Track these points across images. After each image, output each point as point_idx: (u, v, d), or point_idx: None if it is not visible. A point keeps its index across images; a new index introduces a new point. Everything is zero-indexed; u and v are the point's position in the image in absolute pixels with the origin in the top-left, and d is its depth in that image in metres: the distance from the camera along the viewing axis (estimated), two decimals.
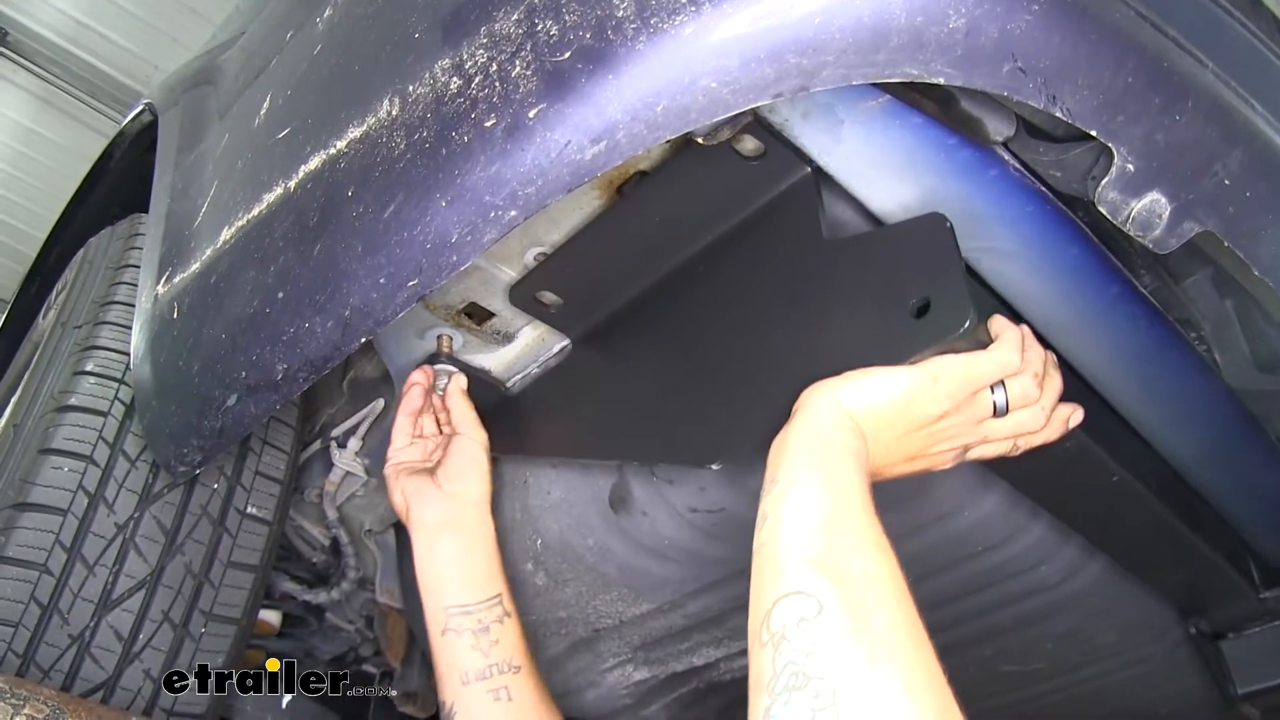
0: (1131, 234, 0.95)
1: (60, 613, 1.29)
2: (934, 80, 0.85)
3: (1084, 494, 1.32)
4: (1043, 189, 1.12)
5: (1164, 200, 0.94)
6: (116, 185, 2.34)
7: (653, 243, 1.31)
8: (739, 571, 1.58)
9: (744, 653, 1.78)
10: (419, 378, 1.49)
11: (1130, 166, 0.91)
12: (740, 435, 1.12)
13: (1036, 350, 1.07)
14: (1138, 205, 0.94)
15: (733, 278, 1.25)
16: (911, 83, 1.02)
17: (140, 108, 2.16)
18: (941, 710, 0.77)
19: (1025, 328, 1.07)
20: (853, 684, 0.76)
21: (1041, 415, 1.07)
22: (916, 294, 1.01)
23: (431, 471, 1.47)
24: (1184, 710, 1.84)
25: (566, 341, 1.50)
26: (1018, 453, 1.11)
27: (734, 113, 0.86)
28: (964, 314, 0.96)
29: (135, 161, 2.25)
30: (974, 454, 1.09)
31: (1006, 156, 1.11)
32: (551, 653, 1.80)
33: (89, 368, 1.44)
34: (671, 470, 1.46)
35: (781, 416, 1.02)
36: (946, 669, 0.81)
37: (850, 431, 0.97)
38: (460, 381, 1.51)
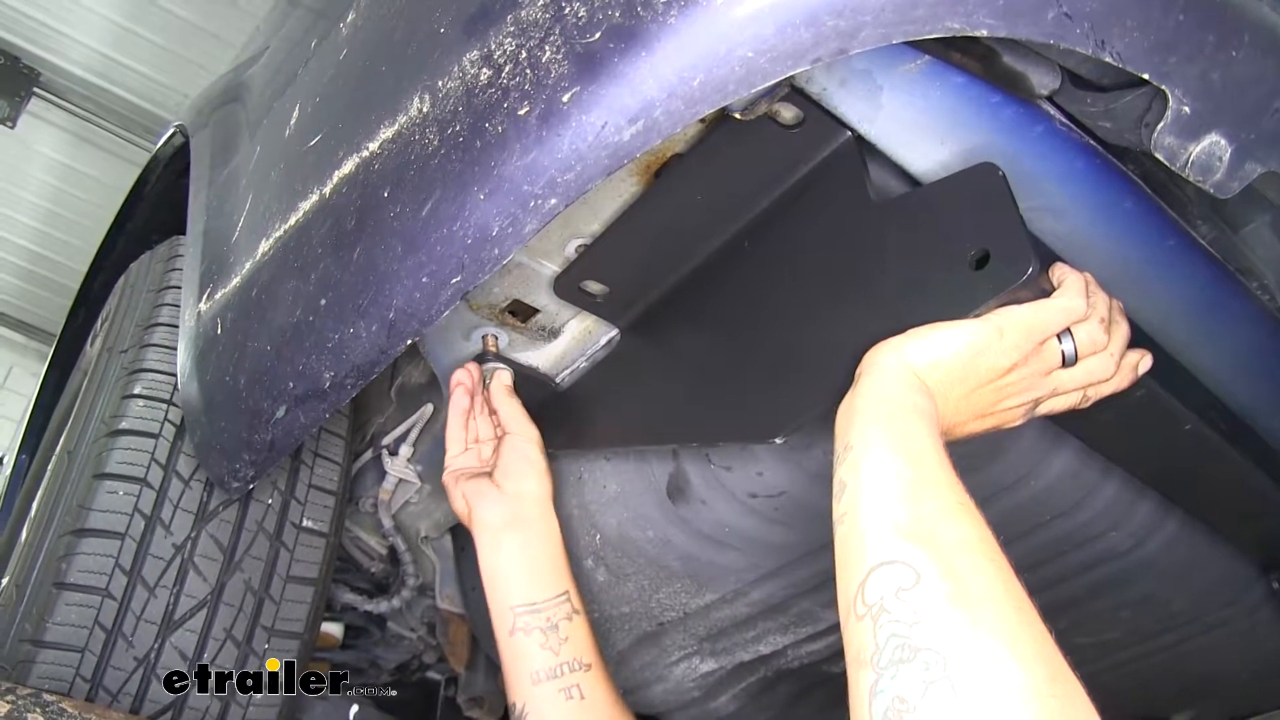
0: (1191, 179, 0.92)
1: (124, 636, 1.29)
2: (976, 33, 0.83)
3: (1158, 445, 1.28)
4: (1092, 142, 1.09)
5: (1224, 142, 0.90)
6: (153, 210, 2.36)
7: (696, 223, 1.29)
8: (803, 555, 1.56)
9: (812, 638, 1.76)
10: (461, 377, 1.48)
11: (1186, 109, 0.88)
12: (803, 406, 1.10)
13: (1101, 296, 1.04)
14: (1196, 149, 0.91)
15: (781, 250, 1.22)
16: (950, 41, 1.00)
17: (172, 130, 2.17)
18: (1054, 672, 0.74)
19: (1088, 274, 1.04)
20: (962, 653, 0.74)
21: (1111, 362, 1.04)
22: (974, 245, 0.98)
23: (489, 473, 1.46)
24: (1268, 673, 1.80)
25: (614, 333, 1.48)
26: (1088, 404, 1.08)
27: (772, 82, 0.84)
28: (1025, 261, 0.93)
29: (170, 185, 2.27)
30: (1044, 408, 1.06)
31: (1053, 111, 1.08)
32: (616, 649, 1.78)
33: (137, 390, 1.44)
34: (729, 456, 1.44)
35: (845, 383, 1.00)
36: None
37: (918, 390, 0.95)
38: (504, 379, 1.50)
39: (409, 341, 1.05)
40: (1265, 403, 1.33)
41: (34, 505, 1.63)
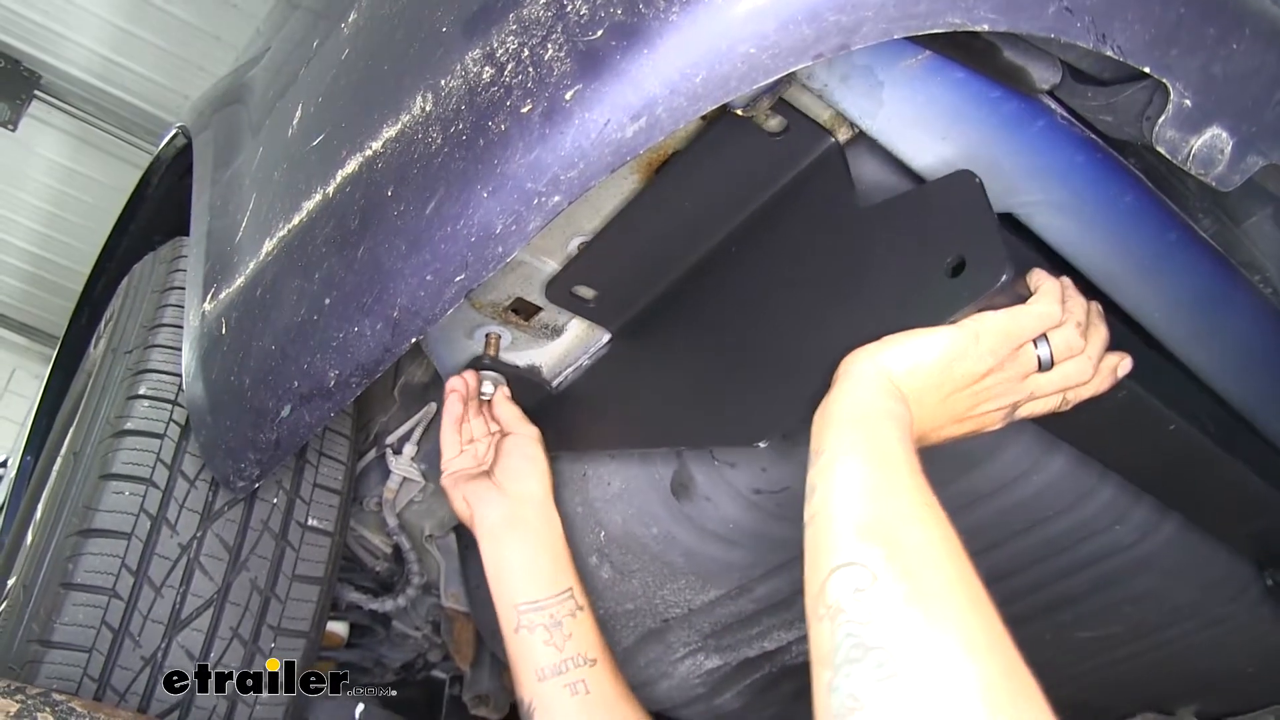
0: (1193, 173, 0.92)
1: (131, 635, 1.29)
2: (978, 28, 0.83)
3: (1142, 446, 1.28)
4: (1092, 136, 1.09)
5: (1225, 135, 0.91)
6: (156, 211, 2.36)
7: (684, 226, 1.30)
8: None
9: None
10: (456, 384, 1.49)
11: (1187, 102, 0.89)
12: (785, 410, 1.10)
13: (1078, 300, 1.04)
14: (1198, 142, 0.91)
15: (767, 255, 1.23)
16: (951, 36, 1.00)
17: (174, 132, 2.17)
18: (1007, 669, 0.75)
19: (1066, 279, 1.05)
20: (913, 651, 0.75)
21: (1089, 366, 1.04)
22: (950, 252, 0.99)
23: (489, 473, 1.47)
24: (1272, 667, 1.80)
25: None
26: (1068, 407, 1.08)
27: (774, 78, 0.85)
28: (1000, 268, 0.94)
29: (173, 187, 2.27)
30: (1023, 412, 1.07)
31: (1053, 105, 1.08)
32: (621, 646, 1.78)
33: (142, 391, 1.44)
34: (732, 453, 1.44)
35: (824, 387, 1.01)
36: (1023, 637, 0.79)
37: (892, 396, 0.96)
38: (504, 391, 1.52)
39: (413, 340, 1.05)
40: (1266, 398, 1.33)
41: (40, 507, 1.63)
